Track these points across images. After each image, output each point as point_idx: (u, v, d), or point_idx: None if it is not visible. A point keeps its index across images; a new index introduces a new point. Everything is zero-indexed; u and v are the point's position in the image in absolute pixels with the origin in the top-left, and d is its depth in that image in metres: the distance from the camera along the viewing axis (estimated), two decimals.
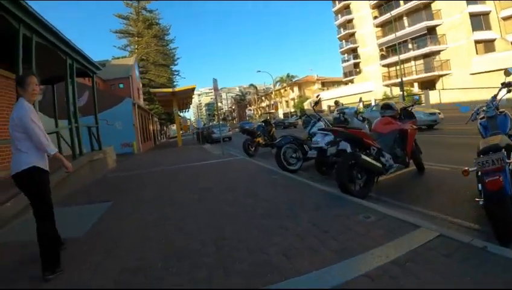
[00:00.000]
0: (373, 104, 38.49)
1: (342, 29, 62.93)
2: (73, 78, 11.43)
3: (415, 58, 45.11)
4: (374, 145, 5.96)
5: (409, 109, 7.50)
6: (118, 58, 49.63)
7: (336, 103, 14.14)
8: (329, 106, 51.62)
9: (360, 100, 13.48)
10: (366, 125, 8.87)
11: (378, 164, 5.85)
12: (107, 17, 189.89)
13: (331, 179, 6.99)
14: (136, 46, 56.29)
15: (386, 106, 7.05)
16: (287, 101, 78.57)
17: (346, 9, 60.31)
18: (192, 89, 29.66)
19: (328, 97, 58.03)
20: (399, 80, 44.46)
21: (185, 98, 33.34)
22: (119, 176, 12.01)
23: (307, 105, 63.43)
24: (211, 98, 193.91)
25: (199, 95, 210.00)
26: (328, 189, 6.05)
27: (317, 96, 11.06)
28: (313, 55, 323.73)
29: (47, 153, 3.71)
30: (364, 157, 5.62)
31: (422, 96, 34.76)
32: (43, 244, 3.54)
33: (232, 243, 3.89)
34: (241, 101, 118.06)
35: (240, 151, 15.48)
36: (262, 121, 16.57)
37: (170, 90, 28.77)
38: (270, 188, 6.62)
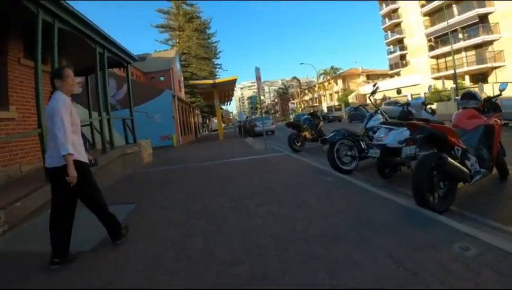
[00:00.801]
0: (422, 97, 36.69)
1: (387, 19, 60.12)
2: (104, 69, 10.90)
3: (466, 49, 41.97)
4: (459, 145, 4.62)
5: (494, 100, 5.91)
6: (160, 52, 49.77)
7: (399, 92, 13.55)
8: (375, 99, 49.73)
9: (430, 87, 11.94)
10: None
11: (466, 169, 4.59)
12: (149, 11, 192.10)
13: (394, 185, 6.04)
14: (177, 40, 56.50)
15: (468, 95, 5.64)
16: (330, 95, 76.65)
17: None
18: (234, 81, 28.85)
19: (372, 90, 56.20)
20: (448, 72, 42.59)
21: (226, 90, 32.74)
22: (150, 171, 11.36)
23: (351, 98, 61.92)
24: (253, 92, 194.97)
25: (241, 88, 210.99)
26: (396, 199, 4.85)
27: (374, 85, 9.36)
28: (358, 47, 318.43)
29: (61, 150, 3.43)
30: (450, 160, 4.38)
31: (477, 89, 32.31)
32: (113, 222, 4.05)
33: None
34: (283, 95, 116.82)
35: (284, 146, 14.59)
36: (308, 114, 15.42)
37: (211, 81, 28.08)
38: (324, 196, 5.44)
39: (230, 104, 53.52)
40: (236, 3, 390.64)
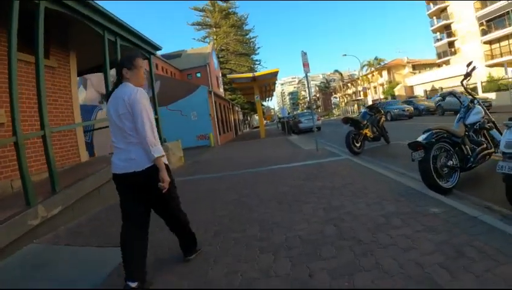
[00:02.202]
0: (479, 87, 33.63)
1: (431, 5, 56.09)
2: (117, 61, 9.11)
3: None
4: None
5: None
6: (196, 48, 48.65)
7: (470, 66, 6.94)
8: (425, 91, 46.67)
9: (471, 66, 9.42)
10: None
11: None
12: (186, 11, 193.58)
13: None
14: (214, 37, 55.66)
15: None
16: (375, 87, 72.96)
17: None
18: (275, 73, 26.43)
19: (420, 82, 53.14)
20: (504, 58, 38.66)
21: (267, 84, 30.47)
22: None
23: (397, 91, 58.86)
24: (294, 87, 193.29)
25: (282, 84, 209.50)
26: None
27: (468, 65, 6.75)
28: (402, 36, 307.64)
29: (151, 153, 2.92)
30: None
31: None
32: (188, 231, 3.57)
33: None
34: (325, 89, 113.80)
35: (338, 146, 12.61)
36: (367, 107, 12.81)
37: (250, 75, 25.84)
38: (436, 251, 2.92)
39: (271, 99, 51.61)
40: None
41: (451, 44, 53.21)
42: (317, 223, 4.13)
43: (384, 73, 69.86)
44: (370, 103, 64.92)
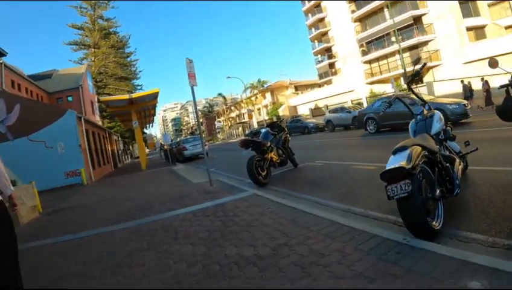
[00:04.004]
0: (365, 102, 35.03)
1: (313, 29, 59.54)
2: None
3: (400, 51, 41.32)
4: None
5: None
6: (68, 69, 43.85)
7: (493, 63, 5.88)
8: (311, 109, 47.78)
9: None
10: None
11: None
12: (61, 28, 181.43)
13: None
14: (92, 59, 51.39)
15: None
16: (259, 109, 73.71)
17: (317, 7, 56.71)
18: (155, 95, 23.60)
19: (303, 101, 55.14)
20: (383, 76, 42.61)
21: (146, 108, 27.52)
22: None
23: (282, 111, 59.95)
24: (177, 113, 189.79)
25: (164, 110, 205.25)
26: None
27: (416, 62, 5.45)
28: (285, 59, 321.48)
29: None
30: None
31: (425, 88, 30.88)
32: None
33: None
34: (209, 114, 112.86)
35: (234, 175, 11.03)
36: (268, 125, 10.92)
37: (126, 96, 22.45)
38: None
39: (152, 126, 48.77)
40: (150, 15, 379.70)
41: (331, 65, 57.08)
42: None
43: (268, 95, 71.26)
44: (255, 125, 65.22)
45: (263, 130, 10.15)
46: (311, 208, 5.36)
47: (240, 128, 77.71)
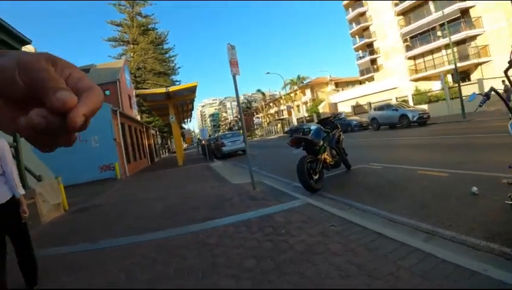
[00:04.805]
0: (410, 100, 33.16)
1: (354, 24, 56.97)
2: None
3: (447, 46, 38.24)
4: None
5: None
6: (106, 63, 43.68)
7: None
8: (353, 107, 45.70)
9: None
10: None
11: None
12: (101, 25, 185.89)
13: None
14: (131, 55, 51.43)
15: None
16: (298, 106, 71.90)
17: (358, 1, 54.37)
18: (193, 88, 22.42)
19: (344, 99, 52.86)
20: (428, 72, 40.41)
21: (184, 102, 26.58)
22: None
23: (321, 108, 58.10)
24: (215, 109, 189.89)
25: (203, 106, 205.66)
26: None
27: None
28: (325, 55, 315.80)
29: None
30: None
31: (476, 85, 28.47)
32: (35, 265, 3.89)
33: None
34: (247, 110, 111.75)
35: (277, 176, 9.89)
36: (320, 122, 9.33)
37: (163, 90, 21.60)
38: None
39: (190, 121, 48.28)
40: (191, 13, 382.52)
41: (373, 61, 54.45)
42: None
43: (308, 91, 69.20)
44: (295, 122, 63.56)
45: (313, 127, 8.77)
46: (385, 227, 4.20)
47: (279, 125, 76.00)
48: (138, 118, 41.08)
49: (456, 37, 36.39)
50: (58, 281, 4.12)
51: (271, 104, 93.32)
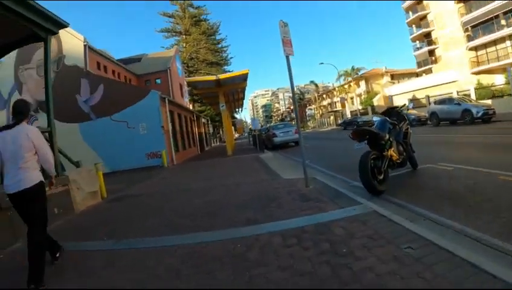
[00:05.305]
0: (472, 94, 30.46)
1: (410, 13, 53.28)
2: None
3: (511, 37, 35.17)
4: None
5: None
6: (158, 52, 44.13)
7: None
8: (410, 100, 42.81)
9: None
10: None
11: None
12: (154, 17, 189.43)
13: None
14: (184, 45, 52.09)
15: None
16: (352, 98, 69.41)
17: None
18: (244, 77, 21.55)
19: (400, 91, 49.76)
20: (491, 65, 37.11)
21: (235, 91, 26.02)
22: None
23: (376, 101, 55.71)
24: (268, 100, 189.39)
25: (255, 97, 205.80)
26: None
27: None
28: (380, 45, 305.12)
29: None
30: None
31: None
32: (42, 253, 3.80)
33: None
34: (300, 101, 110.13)
35: (332, 171, 8.93)
36: (383, 112, 8.06)
37: (213, 77, 20.70)
38: None
39: (241, 110, 47.81)
40: (244, 5, 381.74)
41: (431, 52, 50.81)
42: None
43: (362, 83, 67.08)
44: (348, 114, 61.46)
45: (378, 119, 7.51)
46: (478, 254, 3.02)
47: (332, 117, 73.64)
48: (190, 106, 40.93)
49: None
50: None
51: (324, 95, 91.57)
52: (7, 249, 5.16)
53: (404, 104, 8.77)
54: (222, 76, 20.71)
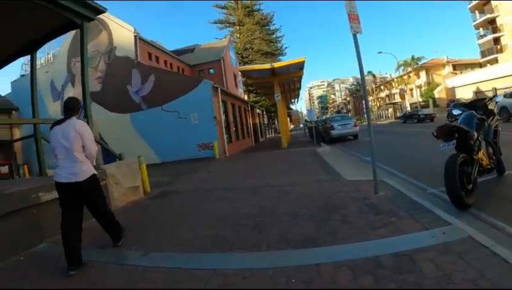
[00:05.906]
0: None
1: None
2: None
3: None
4: None
5: None
6: (211, 42, 44.01)
7: None
8: (476, 93, 39.59)
9: None
10: None
11: None
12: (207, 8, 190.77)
13: None
14: (238, 36, 52.36)
15: None
16: (411, 90, 65.97)
17: None
18: (300, 65, 20.27)
19: (463, 83, 46.20)
20: None
21: (290, 80, 24.82)
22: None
23: (437, 93, 52.68)
24: (323, 91, 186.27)
25: (311, 88, 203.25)
26: None
27: None
28: (441, 33, 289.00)
29: None
30: None
31: None
32: (114, 224, 4.62)
33: None
34: (356, 92, 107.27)
35: (403, 174, 7.42)
36: (466, 105, 6.43)
37: (268, 66, 19.81)
38: None
39: (297, 101, 46.83)
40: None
41: (496, 40, 47.30)
42: None
43: (422, 74, 63.96)
44: (408, 106, 58.46)
45: (457, 112, 6.14)
46: None
47: (390, 110, 70.56)
48: (244, 97, 40.35)
49: None
50: None
51: (382, 86, 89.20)
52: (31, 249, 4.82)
53: (495, 96, 7.28)
54: (277, 64, 19.66)
